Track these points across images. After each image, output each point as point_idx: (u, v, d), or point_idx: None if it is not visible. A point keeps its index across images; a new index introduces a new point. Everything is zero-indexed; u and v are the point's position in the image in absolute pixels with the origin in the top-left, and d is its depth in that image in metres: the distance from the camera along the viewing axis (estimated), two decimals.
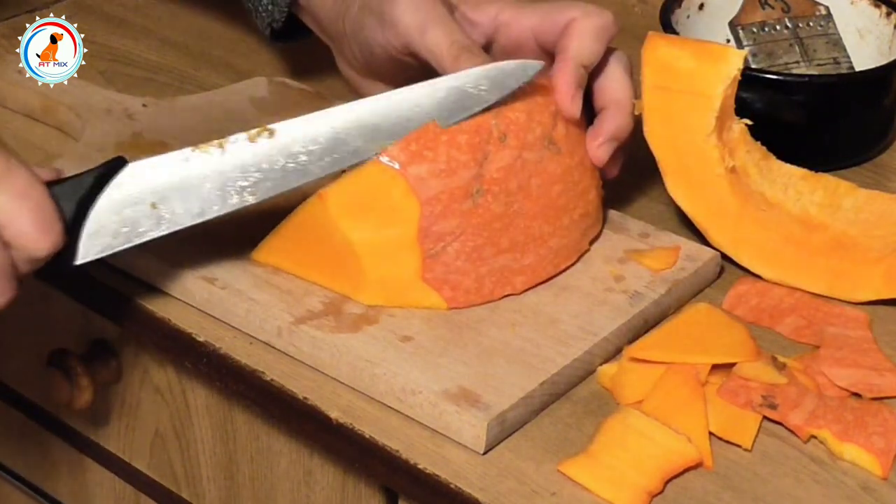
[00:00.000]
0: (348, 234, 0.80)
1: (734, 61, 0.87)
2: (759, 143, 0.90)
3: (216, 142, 0.80)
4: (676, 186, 0.89)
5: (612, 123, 0.87)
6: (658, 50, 0.88)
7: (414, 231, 0.80)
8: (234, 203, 0.79)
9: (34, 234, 0.71)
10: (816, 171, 0.91)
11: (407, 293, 0.81)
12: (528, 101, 0.83)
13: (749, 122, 0.90)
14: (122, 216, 0.77)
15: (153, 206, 0.78)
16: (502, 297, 0.83)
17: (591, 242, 0.87)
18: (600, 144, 0.86)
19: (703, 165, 0.88)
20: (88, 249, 0.76)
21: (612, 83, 0.88)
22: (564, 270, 0.85)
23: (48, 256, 0.72)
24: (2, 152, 0.71)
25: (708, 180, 0.88)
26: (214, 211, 0.79)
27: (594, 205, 0.87)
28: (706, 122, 0.88)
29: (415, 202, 0.80)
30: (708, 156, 0.88)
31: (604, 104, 0.88)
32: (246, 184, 0.80)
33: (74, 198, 0.75)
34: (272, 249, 0.84)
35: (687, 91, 0.88)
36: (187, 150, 0.79)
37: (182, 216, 0.79)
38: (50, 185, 0.74)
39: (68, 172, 0.90)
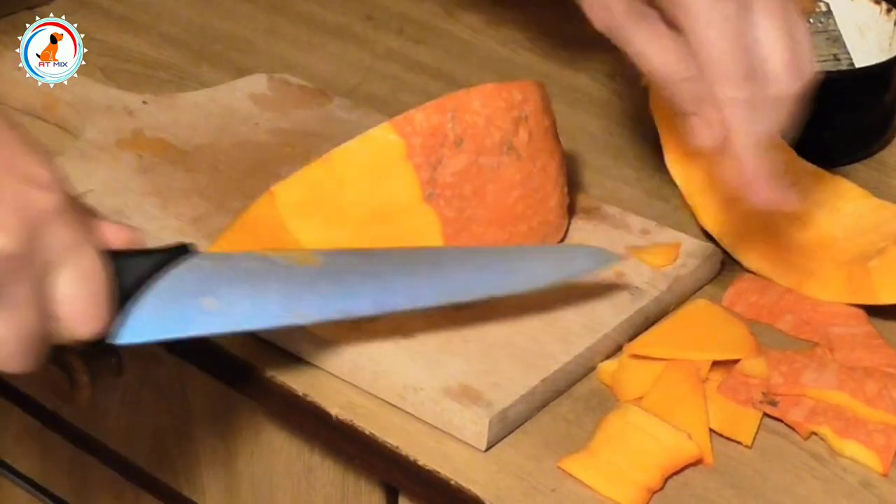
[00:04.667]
0: (295, 234, 0.80)
1: None
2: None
3: (294, 253, 0.74)
4: (673, 160, 0.89)
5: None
6: None
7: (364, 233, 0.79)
8: (292, 318, 0.72)
9: (84, 318, 0.67)
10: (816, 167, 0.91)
11: None
12: (489, 106, 0.81)
13: None
14: (176, 307, 0.70)
15: (209, 303, 0.70)
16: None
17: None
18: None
19: None
20: (132, 334, 0.69)
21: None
22: None
23: (87, 340, 0.68)
24: (80, 219, 0.66)
25: (703, 156, 0.88)
26: (271, 322, 0.72)
27: (555, 212, 0.85)
28: None
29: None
30: None
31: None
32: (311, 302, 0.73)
33: (131, 278, 0.69)
34: (228, 244, 0.81)
35: None
36: (256, 255, 0.73)
37: (238, 321, 0.72)
38: (114, 256, 0.68)
39: (68, 171, 0.90)
